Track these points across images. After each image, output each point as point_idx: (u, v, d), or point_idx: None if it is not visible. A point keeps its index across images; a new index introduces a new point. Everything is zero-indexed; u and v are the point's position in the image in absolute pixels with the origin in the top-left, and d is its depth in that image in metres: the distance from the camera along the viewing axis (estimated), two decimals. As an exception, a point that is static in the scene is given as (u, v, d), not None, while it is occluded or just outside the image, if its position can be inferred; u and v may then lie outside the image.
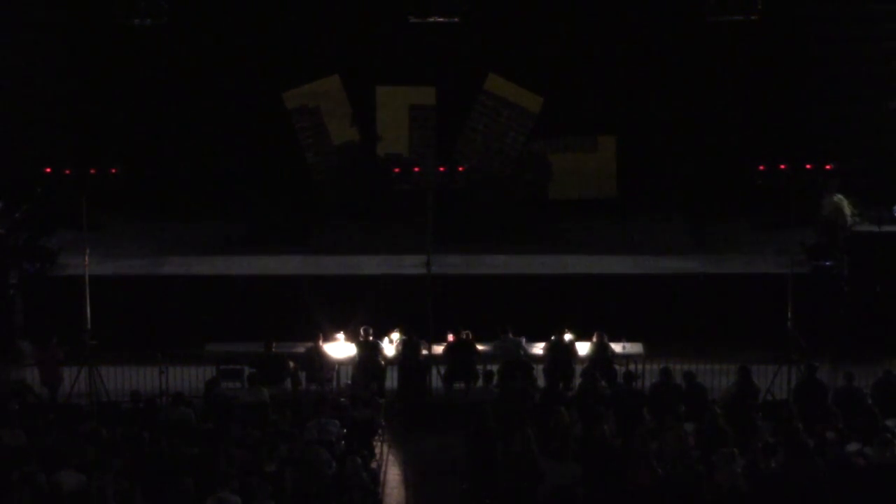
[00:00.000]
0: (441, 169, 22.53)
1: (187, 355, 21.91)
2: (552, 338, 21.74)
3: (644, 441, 16.84)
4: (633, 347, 22.00)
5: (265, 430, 17.74)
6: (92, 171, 23.18)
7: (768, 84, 27.23)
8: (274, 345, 21.57)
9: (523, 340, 21.95)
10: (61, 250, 25.04)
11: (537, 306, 23.49)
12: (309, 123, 28.43)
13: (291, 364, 21.58)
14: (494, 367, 21.34)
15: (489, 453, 17.39)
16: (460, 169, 22.50)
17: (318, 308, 22.93)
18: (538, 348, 22.01)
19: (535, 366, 21.59)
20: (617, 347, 21.78)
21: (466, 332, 21.85)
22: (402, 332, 22.06)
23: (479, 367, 21.46)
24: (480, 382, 21.08)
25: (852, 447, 16.87)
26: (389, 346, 22.05)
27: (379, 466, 18.61)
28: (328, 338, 21.92)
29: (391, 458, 19.67)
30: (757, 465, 16.36)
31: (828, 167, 22.54)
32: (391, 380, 21.83)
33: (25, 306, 24.13)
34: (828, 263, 24.04)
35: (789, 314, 21.58)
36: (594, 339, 21.57)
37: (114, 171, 25.03)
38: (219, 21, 27.40)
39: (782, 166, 22.54)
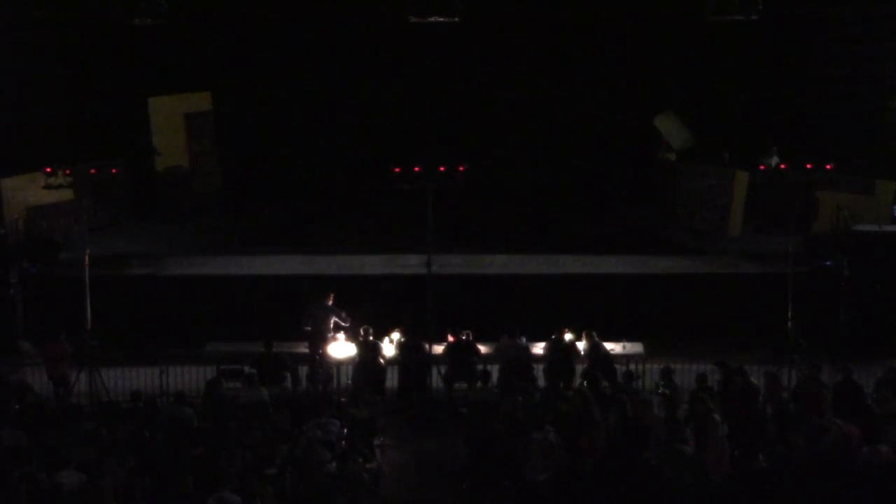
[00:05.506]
0: (441, 169, 22.49)
1: (187, 355, 21.93)
2: (552, 338, 21.72)
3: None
4: (634, 347, 21.99)
5: (266, 430, 17.75)
6: (92, 171, 23.21)
7: (768, 84, 27.25)
8: (274, 345, 21.58)
9: (523, 340, 21.94)
10: (61, 250, 25.04)
11: (537, 306, 23.49)
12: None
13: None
14: (494, 367, 21.37)
15: (489, 453, 17.40)
16: (460, 169, 22.43)
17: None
18: (538, 348, 22.00)
19: (535, 366, 21.59)
20: (617, 347, 21.78)
21: (466, 332, 21.84)
22: (402, 332, 22.05)
23: (479, 367, 21.49)
24: (480, 383, 21.08)
25: (849, 429, 16.93)
26: (389, 346, 22.04)
27: (379, 466, 18.61)
28: (328, 337, 21.89)
29: (391, 458, 19.67)
30: (751, 464, 16.42)
31: (828, 167, 22.55)
32: (391, 380, 21.83)
33: (25, 306, 24.11)
34: (828, 263, 24.05)
35: (789, 314, 21.59)
36: (584, 339, 21.55)
37: (114, 171, 25.10)
38: (219, 21, 27.43)
39: (782, 166, 22.53)
